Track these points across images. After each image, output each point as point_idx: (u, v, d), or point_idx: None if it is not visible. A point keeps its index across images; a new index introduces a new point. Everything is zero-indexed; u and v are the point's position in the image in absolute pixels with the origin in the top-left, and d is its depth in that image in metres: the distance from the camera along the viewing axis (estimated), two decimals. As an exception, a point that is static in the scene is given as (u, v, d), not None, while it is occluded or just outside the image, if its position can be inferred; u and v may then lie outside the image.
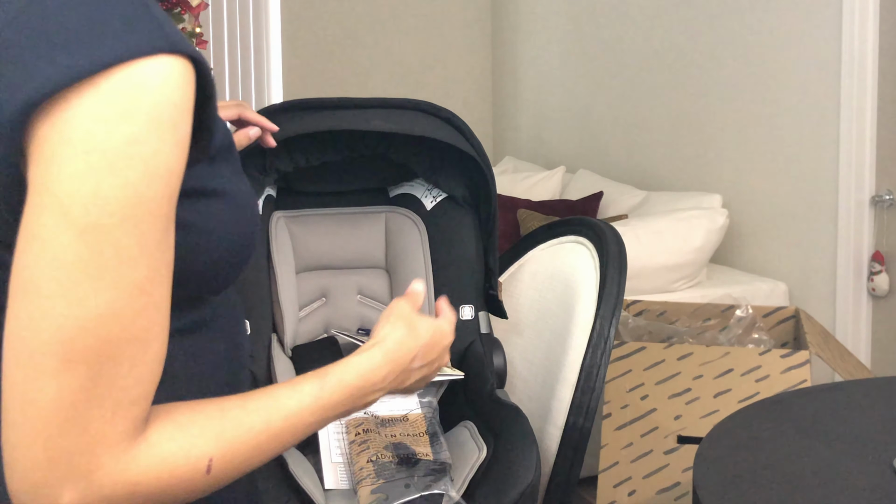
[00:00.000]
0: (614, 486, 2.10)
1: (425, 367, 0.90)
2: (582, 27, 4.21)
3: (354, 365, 0.82)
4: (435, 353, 0.91)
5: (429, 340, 0.89)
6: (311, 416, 0.76)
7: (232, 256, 0.75)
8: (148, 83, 0.60)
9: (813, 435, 1.35)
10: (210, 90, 0.68)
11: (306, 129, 1.37)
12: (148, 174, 0.60)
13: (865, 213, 2.69)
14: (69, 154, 0.58)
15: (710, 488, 1.19)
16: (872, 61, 2.64)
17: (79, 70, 0.58)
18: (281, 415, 0.74)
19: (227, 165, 0.76)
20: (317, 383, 0.77)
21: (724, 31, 3.22)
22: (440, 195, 1.58)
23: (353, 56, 4.99)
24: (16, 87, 0.58)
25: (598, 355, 1.45)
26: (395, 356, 0.85)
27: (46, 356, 0.59)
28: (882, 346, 2.72)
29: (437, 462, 1.27)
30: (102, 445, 0.61)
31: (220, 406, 0.71)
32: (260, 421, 0.72)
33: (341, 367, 0.81)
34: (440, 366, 0.92)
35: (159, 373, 0.65)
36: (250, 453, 0.71)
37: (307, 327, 1.54)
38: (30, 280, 0.59)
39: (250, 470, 0.73)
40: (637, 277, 2.73)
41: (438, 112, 1.47)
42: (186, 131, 0.63)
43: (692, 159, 3.44)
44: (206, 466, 0.68)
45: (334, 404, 0.78)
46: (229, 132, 0.77)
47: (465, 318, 1.55)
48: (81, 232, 0.59)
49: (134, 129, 0.59)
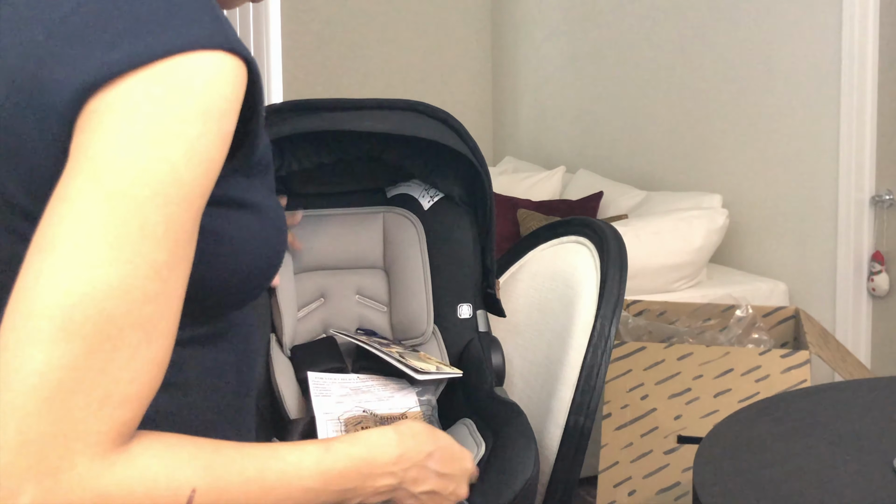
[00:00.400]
0: (614, 486, 2.10)
1: (441, 480, 0.84)
2: (582, 27, 4.21)
3: (364, 438, 0.78)
4: (454, 468, 0.86)
5: (449, 449, 0.86)
6: (311, 479, 0.71)
7: (259, 272, 0.73)
8: (202, 72, 0.60)
9: (813, 435, 1.35)
10: (259, 99, 0.67)
11: (298, 129, 1.37)
12: (189, 155, 0.59)
13: (865, 213, 2.69)
14: (113, 122, 0.57)
15: (710, 488, 1.19)
16: (872, 61, 2.64)
17: (140, 56, 0.58)
18: (278, 466, 0.69)
19: (264, 182, 0.74)
20: (322, 446, 0.74)
21: (724, 30, 3.22)
22: (437, 195, 1.58)
23: (353, 56, 4.99)
24: (77, 68, 0.58)
25: (598, 355, 1.45)
26: (409, 443, 0.81)
27: (44, 319, 0.55)
28: (882, 346, 2.72)
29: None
30: (81, 441, 0.57)
31: (215, 442, 0.67)
32: (254, 467, 0.67)
33: (351, 438, 0.77)
34: (457, 494, 0.87)
35: (157, 381, 0.61)
36: (239, 499, 0.66)
37: (306, 327, 1.54)
38: (48, 238, 0.56)
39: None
40: (637, 277, 2.73)
41: (434, 113, 1.47)
42: (231, 128, 0.63)
43: (692, 159, 3.44)
44: (188, 497, 0.62)
45: (338, 474, 0.73)
46: (270, 150, 0.77)
47: (464, 316, 1.55)
48: (109, 196, 0.57)
49: (182, 110, 0.59)
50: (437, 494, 0.84)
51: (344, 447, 0.75)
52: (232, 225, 0.69)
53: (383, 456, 0.78)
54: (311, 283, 1.56)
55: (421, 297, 1.55)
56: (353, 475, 0.74)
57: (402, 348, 1.47)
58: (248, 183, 0.71)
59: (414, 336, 1.55)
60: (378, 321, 1.57)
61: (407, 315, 1.55)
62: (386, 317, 1.58)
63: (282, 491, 0.69)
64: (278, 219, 0.75)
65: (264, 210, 0.73)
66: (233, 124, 0.63)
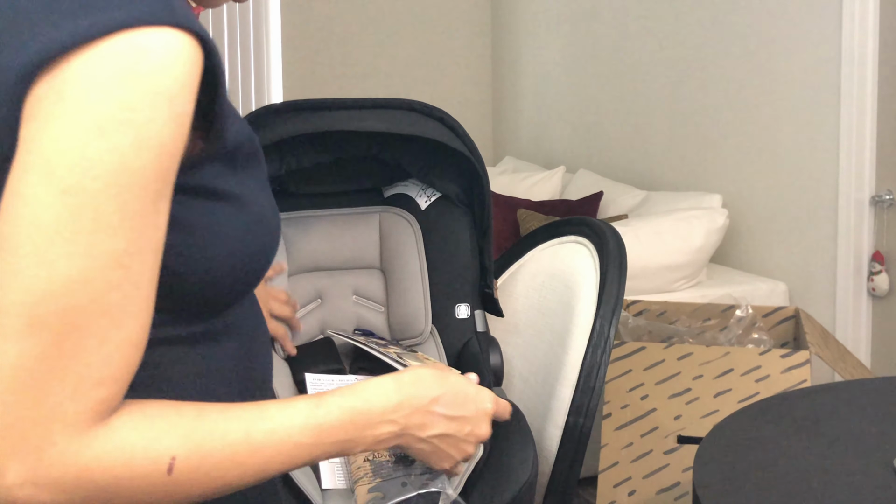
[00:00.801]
0: (614, 486, 2.09)
1: (453, 422, 0.81)
2: (582, 27, 4.21)
3: (360, 388, 0.76)
4: (468, 409, 0.83)
5: (460, 391, 0.82)
6: (302, 434, 0.70)
7: (244, 268, 0.72)
8: (147, 51, 0.59)
9: (813, 435, 1.35)
10: (219, 79, 0.66)
11: (298, 130, 1.36)
12: (138, 143, 0.59)
13: (865, 213, 2.69)
14: (61, 113, 0.57)
15: (710, 488, 1.19)
16: (872, 61, 2.63)
17: (82, 34, 0.58)
18: (265, 426, 0.68)
19: (251, 174, 0.73)
20: (313, 401, 0.73)
21: (724, 30, 3.22)
22: (434, 194, 1.58)
23: (353, 56, 4.99)
24: (22, 51, 0.58)
25: (598, 355, 1.45)
26: (409, 389, 0.78)
27: (11, 317, 0.57)
28: (882, 346, 2.72)
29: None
30: (59, 422, 0.59)
31: (198, 407, 0.67)
32: (239, 429, 0.67)
33: (345, 390, 0.75)
34: (476, 434, 0.83)
35: (134, 359, 0.62)
36: (224, 463, 0.66)
37: (304, 328, 1.53)
38: (6, 237, 0.58)
39: (230, 487, 0.67)
40: (637, 277, 2.73)
41: (431, 111, 1.46)
42: (185, 109, 0.62)
43: (692, 159, 3.44)
44: (168, 465, 0.63)
45: (332, 426, 0.72)
46: (255, 142, 0.76)
47: (462, 316, 1.55)
48: (63, 192, 0.57)
49: (128, 96, 0.58)
50: (452, 437, 0.82)
51: (336, 399, 0.74)
52: (208, 216, 0.68)
53: (379, 405, 0.76)
54: (308, 284, 1.55)
55: (418, 297, 1.54)
56: (348, 427, 0.73)
57: (399, 349, 1.47)
58: (230, 173, 0.71)
59: (412, 336, 1.55)
60: (375, 321, 1.57)
61: (404, 315, 1.55)
62: (383, 317, 1.58)
63: (272, 449, 0.68)
64: (266, 214, 0.74)
65: (248, 203, 0.72)
66: (187, 105, 0.62)
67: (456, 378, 0.83)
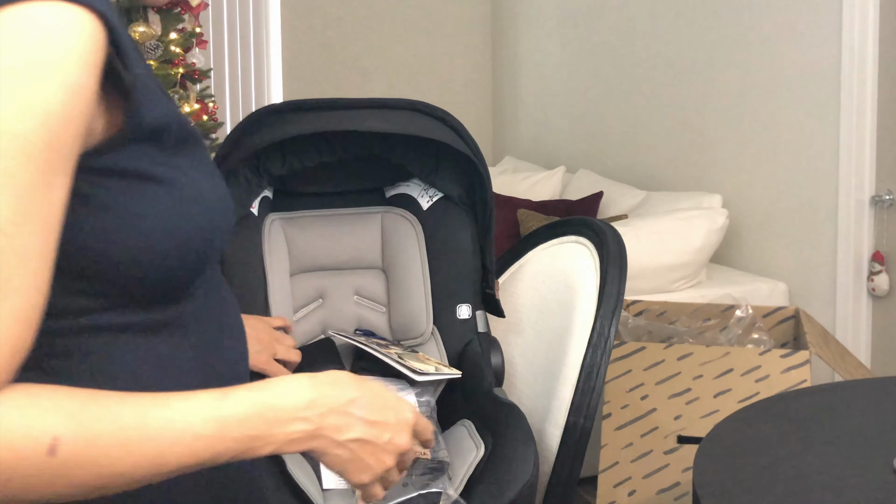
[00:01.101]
0: (614, 486, 2.10)
1: (372, 428, 0.76)
2: (582, 27, 4.21)
3: (271, 383, 0.72)
4: (387, 415, 0.77)
5: (379, 396, 0.78)
6: (204, 426, 0.66)
7: (181, 252, 0.70)
8: (37, 22, 0.59)
9: (813, 435, 1.35)
10: (127, 58, 0.66)
11: (300, 130, 1.36)
12: (21, 109, 0.58)
13: (865, 213, 2.69)
14: None
15: (710, 488, 1.19)
16: (872, 61, 2.64)
17: None
18: (163, 414, 0.65)
19: (186, 158, 0.72)
20: (219, 392, 0.69)
21: (724, 30, 3.22)
22: (436, 195, 1.58)
23: (353, 56, 4.99)
24: None
25: (598, 355, 1.45)
26: (325, 389, 0.73)
27: None
28: (882, 346, 2.72)
29: (435, 461, 1.27)
30: None
31: (92, 392, 0.64)
32: (134, 415, 0.64)
33: (255, 384, 0.71)
34: (396, 444, 0.78)
35: (21, 338, 0.60)
36: (114, 450, 0.62)
37: (304, 329, 1.53)
38: None
39: (122, 478, 0.64)
40: (637, 277, 2.73)
41: (433, 112, 1.47)
42: (81, 81, 0.61)
43: (692, 159, 3.44)
44: (49, 445, 0.60)
45: (237, 420, 0.68)
46: (187, 125, 0.75)
47: (463, 317, 1.55)
48: None
49: (13, 62, 0.58)
50: (370, 444, 0.76)
51: (244, 392, 0.70)
52: (128, 197, 0.67)
53: (291, 400, 0.71)
54: (310, 284, 1.56)
55: (420, 297, 1.54)
56: (255, 421, 0.69)
57: (400, 349, 1.47)
58: (157, 155, 0.70)
59: (413, 336, 1.55)
60: (377, 322, 1.57)
61: (406, 315, 1.55)
62: (385, 317, 1.58)
63: (168, 439, 0.65)
64: (206, 197, 0.73)
65: (181, 185, 0.70)
66: (82, 77, 0.61)
67: (376, 383, 0.79)
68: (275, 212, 1.55)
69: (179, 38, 3.20)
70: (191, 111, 3.18)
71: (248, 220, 1.47)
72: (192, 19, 3.31)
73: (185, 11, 3.24)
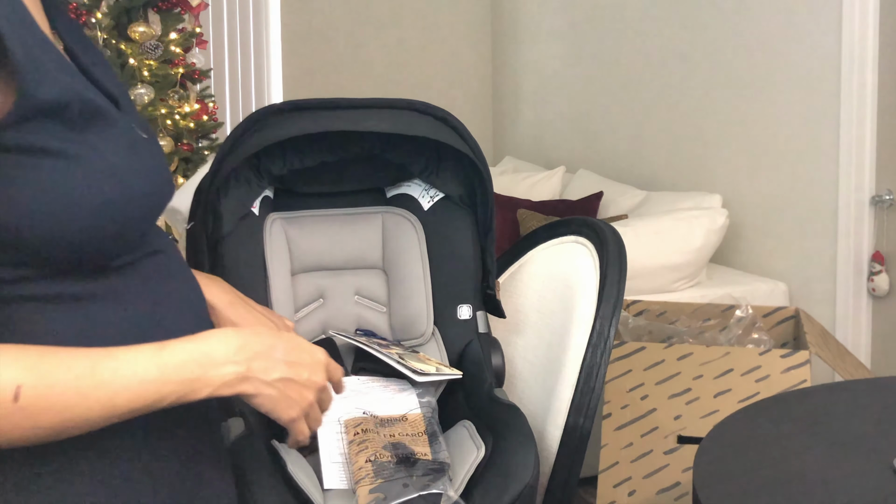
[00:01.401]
0: (614, 486, 2.10)
1: (292, 368, 0.85)
2: (582, 27, 4.21)
3: (204, 335, 0.80)
4: (303, 357, 0.86)
5: (294, 341, 0.87)
6: (147, 371, 0.75)
7: (92, 224, 0.75)
8: None
9: (813, 435, 1.35)
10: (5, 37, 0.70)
11: (301, 130, 1.36)
12: None
13: (865, 213, 2.69)
14: None
15: (710, 488, 1.19)
16: (872, 61, 2.64)
17: None
18: (111, 364, 0.73)
19: (95, 133, 0.77)
20: (158, 344, 0.77)
21: (724, 30, 3.22)
22: (437, 195, 1.58)
23: (353, 56, 4.99)
24: None
25: (598, 355, 1.45)
26: (249, 336, 0.82)
27: None
28: (882, 346, 2.72)
29: (435, 462, 1.27)
30: None
31: (47, 347, 0.72)
32: (85, 365, 0.72)
33: (189, 336, 0.80)
34: (314, 381, 0.87)
35: None
36: (69, 394, 0.70)
37: (305, 328, 1.53)
38: None
39: (78, 420, 0.72)
40: (637, 277, 2.73)
41: (434, 112, 1.47)
42: None
43: (692, 159, 3.44)
44: (14, 393, 0.68)
45: (176, 365, 0.76)
46: (94, 102, 0.78)
47: (463, 317, 1.55)
48: None
49: None
50: (293, 382, 0.85)
51: (180, 342, 0.78)
52: (27, 171, 0.72)
53: (222, 347, 0.80)
54: (310, 283, 1.56)
55: (420, 297, 1.54)
56: (191, 365, 0.77)
57: (401, 349, 1.47)
58: (60, 130, 0.74)
59: (414, 337, 1.55)
60: (377, 322, 1.57)
61: (406, 315, 1.55)
62: (385, 317, 1.58)
63: (117, 384, 0.73)
64: (119, 172, 0.78)
65: (89, 160, 0.75)
66: None
67: (290, 333, 0.88)
68: (276, 211, 1.55)
69: (179, 38, 3.20)
70: (191, 111, 3.18)
71: (249, 220, 1.47)
72: (192, 19, 3.31)
73: (185, 11, 3.24)
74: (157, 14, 3.14)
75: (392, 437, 1.33)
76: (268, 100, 4.75)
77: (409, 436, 1.35)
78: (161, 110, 3.09)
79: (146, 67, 3.09)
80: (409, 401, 1.41)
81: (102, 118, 0.79)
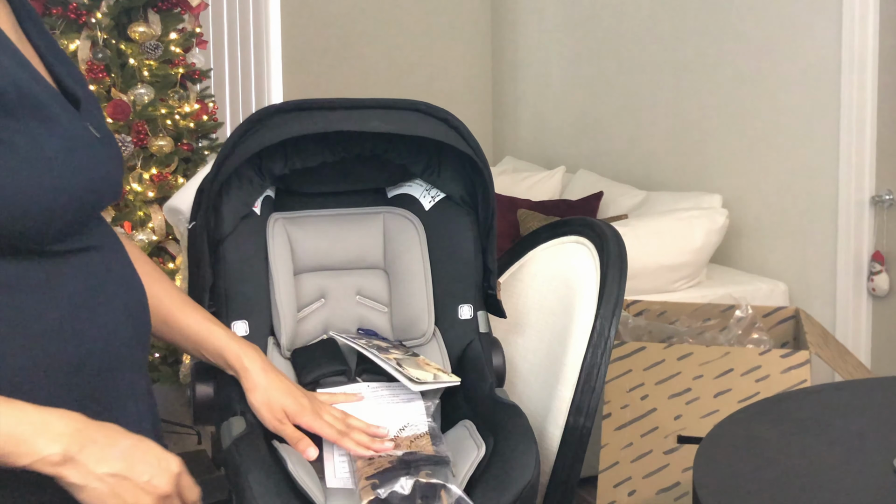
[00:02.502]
0: (614, 486, 2.10)
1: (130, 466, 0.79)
2: (582, 27, 4.21)
3: (54, 408, 0.77)
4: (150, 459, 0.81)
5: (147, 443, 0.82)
6: None
7: (20, 208, 0.75)
8: None
9: (813, 435, 1.35)
10: None
11: (302, 130, 1.37)
12: None
13: (865, 213, 2.69)
14: None
15: (710, 488, 1.19)
16: (872, 61, 2.64)
17: None
18: None
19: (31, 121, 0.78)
20: (6, 399, 0.76)
21: (724, 30, 3.22)
22: (438, 195, 1.58)
23: (353, 56, 4.99)
24: None
25: (598, 355, 1.45)
26: (93, 425, 0.78)
27: None
28: (882, 346, 2.73)
29: (437, 455, 1.27)
30: None
31: None
32: None
33: (29, 406, 0.77)
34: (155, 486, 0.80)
35: None
36: None
37: (306, 328, 1.53)
38: None
39: None
40: (637, 277, 2.73)
41: (435, 112, 1.47)
42: None
43: (692, 159, 3.44)
44: None
45: (11, 419, 0.74)
46: (29, 91, 0.79)
47: (464, 317, 1.55)
48: None
49: None
50: (128, 480, 0.79)
51: (24, 403, 0.76)
52: None
53: (61, 422, 0.77)
54: (312, 283, 1.56)
55: (421, 297, 1.55)
56: (24, 426, 0.75)
57: (400, 353, 1.47)
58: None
59: (414, 337, 1.55)
60: (378, 322, 1.57)
61: (407, 315, 1.55)
62: (386, 317, 1.58)
63: None
64: (52, 160, 0.78)
65: (20, 148, 0.76)
66: None
67: (147, 440, 0.83)
68: (277, 211, 1.55)
69: (179, 38, 3.20)
70: (191, 111, 3.18)
71: (250, 220, 1.47)
72: (192, 19, 3.31)
73: (185, 11, 3.24)
74: (157, 14, 3.14)
75: (396, 439, 1.33)
76: (268, 100, 4.75)
77: (412, 437, 1.35)
78: (161, 110, 3.09)
79: (146, 67, 3.09)
80: (417, 407, 1.40)
81: (42, 112, 0.79)
